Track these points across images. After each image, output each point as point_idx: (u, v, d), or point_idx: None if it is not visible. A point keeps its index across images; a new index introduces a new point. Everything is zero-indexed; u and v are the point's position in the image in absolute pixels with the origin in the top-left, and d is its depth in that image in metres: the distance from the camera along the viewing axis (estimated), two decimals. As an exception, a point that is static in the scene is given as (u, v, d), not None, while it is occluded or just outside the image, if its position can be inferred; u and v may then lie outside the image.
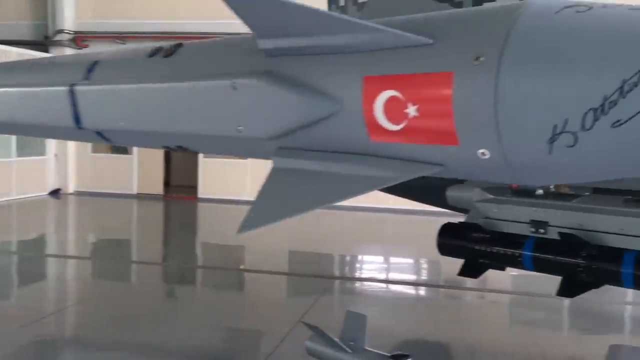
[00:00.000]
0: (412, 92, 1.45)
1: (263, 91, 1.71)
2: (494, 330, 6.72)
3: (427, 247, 11.78)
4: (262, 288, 8.29)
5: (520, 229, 2.84)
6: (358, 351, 4.31)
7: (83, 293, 7.92)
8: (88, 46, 17.51)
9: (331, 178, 1.62)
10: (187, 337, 6.08)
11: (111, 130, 2.22)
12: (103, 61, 2.27)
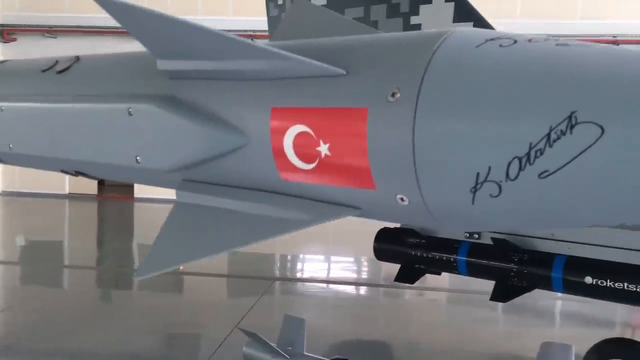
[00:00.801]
0: (323, 128, 1.32)
1: (161, 118, 1.56)
2: (433, 329, 6.82)
3: (367, 246, 11.90)
4: (201, 291, 8.13)
5: (455, 234, 2.86)
6: (296, 356, 4.27)
7: (11, 299, 7.52)
8: (16, 40, 16.71)
9: (238, 218, 1.49)
10: (122, 343, 5.88)
11: (0, 152, 2.03)
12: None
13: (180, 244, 1.57)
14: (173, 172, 1.62)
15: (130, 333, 6.20)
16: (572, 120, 1.04)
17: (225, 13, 16.23)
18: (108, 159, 1.72)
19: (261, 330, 4.51)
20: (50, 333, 6.05)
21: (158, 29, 1.48)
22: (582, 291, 2.83)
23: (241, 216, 1.50)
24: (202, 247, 1.55)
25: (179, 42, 1.49)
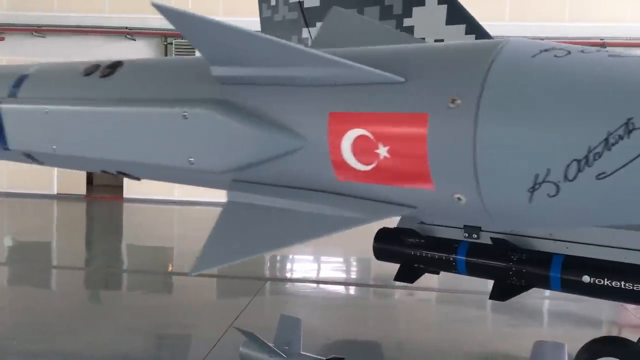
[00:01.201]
0: (382, 132, 1.37)
1: (216, 122, 1.59)
2: (424, 328, 6.87)
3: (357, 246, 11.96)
4: (192, 291, 8.11)
5: (454, 234, 2.90)
6: (293, 356, 4.29)
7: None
8: (4, 39, 16.56)
9: (293, 217, 1.52)
10: (113, 344, 5.86)
11: (42, 154, 2.03)
12: (32, 76, 2.06)
13: (234, 241, 1.59)
14: (225, 173, 1.64)
15: (121, 334, 6.18)
16: (629, 126, 1.13)
17: (216, 13, 16.20)
18: (160, 160, 1.74)
19: (255, 330, 4.53)
20: (39, 334, 6.01)
21: (215, 37, 1.51)
22: (579, 290, 2.88)
23: (295, 214, 1.52)
24: (257, 244, 1.57)
25: (236, 49, 1.51)
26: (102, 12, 16.35)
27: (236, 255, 1.57)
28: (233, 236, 1.60)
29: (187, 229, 13.19)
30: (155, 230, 12.88)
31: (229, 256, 1.59)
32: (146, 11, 16.35)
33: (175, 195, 16.36)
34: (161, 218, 14.85)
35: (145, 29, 16.17)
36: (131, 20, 16.21)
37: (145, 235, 12.18)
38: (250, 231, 1.57)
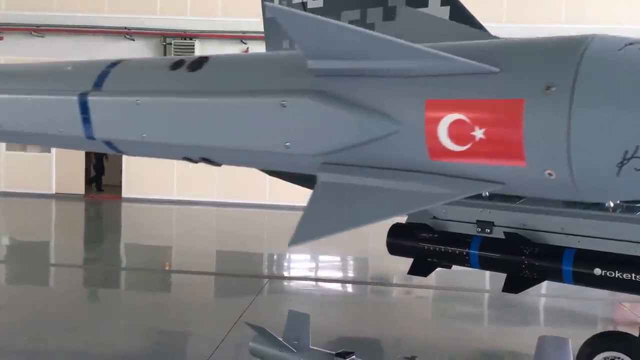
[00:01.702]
0: (479, 116, 1.55)
1: (314, 110, 1.72)
2: (425, 326, 6.96)
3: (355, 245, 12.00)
4: (194, 289, 8.17)
5: (467, 229, 2.98)
6: (303, 350, 4.36)
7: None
8: (2, 39, 16.56)
9: (384, 193, 1.65)
10: (117, 342, 5.91)
11: (126, 142, 2.14)
12: (115, 71, 2.18)
13: (327, 216, 1.70)
14: (318, 156, 1.76)
15: (125, 332, 6.23)
16: None
17: (214, 13, 16.26)
18: (255, 146, 1.87)
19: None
20: (40, 332, 6.04)
21: (316, 32, 1.65)
22: (591, 282, 2.98)
23: (387, 192, 1.64)
24: (350, 219, 1.68)
25: (335, 43, 1.63)
26: (101, 12, 16.37)
27: (330, 229, 1.68)
28: (326, 212, 1.71)
29: (186, 228, 13.26)
30: (154, 229, 12.92)
31: (323, 230, 1.70)
32: (145, 11, 16.46)
33: (174, 195, 16.42)
34: (159, 217, 14.88)
35: (145, 29, 16.21)
36: (130, 20, 16.24)
37: (143, 234, 12.22)
38: (343, 207, 1.69)
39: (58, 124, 2.24)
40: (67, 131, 2.25)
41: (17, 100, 2.40)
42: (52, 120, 2.26)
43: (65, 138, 2.29)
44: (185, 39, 16.12)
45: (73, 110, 2.13)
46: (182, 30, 16.15)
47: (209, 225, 14.03)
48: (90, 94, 2.11)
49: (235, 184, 16.28)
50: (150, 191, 16.47)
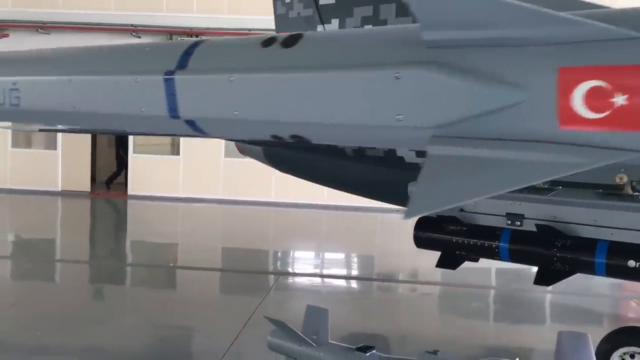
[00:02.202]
0: (621, 82, 1.52)
1: (431, 81, 1.70)
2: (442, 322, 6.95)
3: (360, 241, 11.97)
4: (204, 286, 8.18)
5: (496, 222, 2.98)
6: (322, 345, 4.36)
7: (1, 295, 7.50)
8: (8, 36, 16.55)
9: (504, 165, 1.62)
10: (130, 339, 5.92)
11: (213, 120, 2.12)
12: (200, 50, 2.18)
13: (443, 188, 1.68)
14: (431, 129, 1.74)
15: (137, 328, 6.24)
16: None
17: (220, 11, 16.25)
18: (363, 120, 1.84)
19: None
20: (51, 328, 6.06)
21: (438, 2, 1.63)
22: (625, 274, 2.98)
23: (508, 163, 1.62)
24: (469, 190, 1.66)
25: (460, 13, 1.61)
26: (107, 9, 16.36)
27: (446, 202, 1.66)
28: (441, 185, 1.69)
29: (192, 226, 13.26)
30: (160, 226, 12.93)
31: (439, 202, 1.68)
32: (151, 9, 16.45)
33: (179, 192, 16.42)
34: (165, 214, 14.89)
35: (151, 26, 16.20)
36: (136, 17, 16.23)
37: (150, 231, 12.22)
38: (459, 180, 1.67)
39: (139, 104, 2.22)
40: (149, 111, 2.23)
41: (94, 81, 2.38)
42: (133, 101, 2.24)
43: (146, 118, 2.27)
44: (191, 37, 16.11)
45: (158, 90, 2.13)
46: (188, 27, 16.14)
47: (215, 222, 14.04)
48: (177, 73, 2.10)
49: (241, 182, 16.29)
50: (156, 189, 16.47)
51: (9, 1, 16.61)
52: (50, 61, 2.71)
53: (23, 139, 17.38)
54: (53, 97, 2.49)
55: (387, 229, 13.52)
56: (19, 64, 2.82)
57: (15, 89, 2.55)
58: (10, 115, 2.75)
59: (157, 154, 17.02)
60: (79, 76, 2.43)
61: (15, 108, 2.57)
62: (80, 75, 2.43)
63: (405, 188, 4.61)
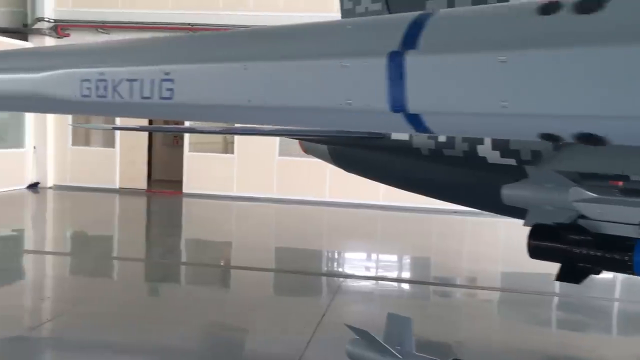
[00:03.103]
0: None
1: None
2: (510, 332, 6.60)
3: (417, 243, 11.66)
4: (266, 287, 8.03)
5: (627, 231, 2.68)
6: (408, 356, 4.11)
7: (60, 290, 7.52)
8: (69, 35, 16.90)
9: None
10: (195, 340, 5.80)
11: (455, 114, 1.73)
12: (435, 25, 1.69)
13: None
14: None
15: (203, 329, 6.12)
16: None
17: (276, 8, 16.16)
18: None
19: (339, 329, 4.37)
20: (100, 324, 6.01)
21: None
22: None
23: None
24: None
25: None
26: (165, 8, 16.51)
27: None
28: None
29: (246, 224, 13.20)
30: (213, 224, 12.92)
31: None
32: (208, 7, 16.52)
33: (233, 191, 16.43)
34: (220, 213, 14.89)
35: (206, 24, 16.25)
36: (193, 16, 16.32)
37: (204, 230, 12.20)
38: None
39: (344, 94, 1.76)
40: (359, 103, 1.77)
41: (279, 68, 1.93)
42: (335, 91, 1.77)
43: (353, 113, 1.78)
44: (247, 35, 16.10)
45: (377, 76, 1.68)
46: (243, 25, 16.09)
47: (268, 221, 13.95)
48: (408, 53, 1.80)
49: (294, 181, 16.19)
50: (210, 187, 16.54)
51: (70, 2, 16.95)
52: (216, 45, 2.25)
53: (82, 136, 17.73)
54: (219, 89, 2.06)
55: (445, 231, 13.16)
56: (172, 49, 2.39)
57: (168, 79, 2.15)
58: (159, 110, 2.30)
59: (212, 152, 17.09)
60: (258, 62, 1.98)
61: (166, 102, 2.18)
62: (260, 61, 1.98)
63: (486, 190, 4.33)
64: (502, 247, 11.70)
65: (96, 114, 3.07)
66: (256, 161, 16.36)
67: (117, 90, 2.27)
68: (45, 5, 16.62)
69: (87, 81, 2.37)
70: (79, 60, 2.53)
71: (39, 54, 3.10)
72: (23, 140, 16.64)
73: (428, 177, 5.51)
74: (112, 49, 2.58)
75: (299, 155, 16.07)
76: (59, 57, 2.68)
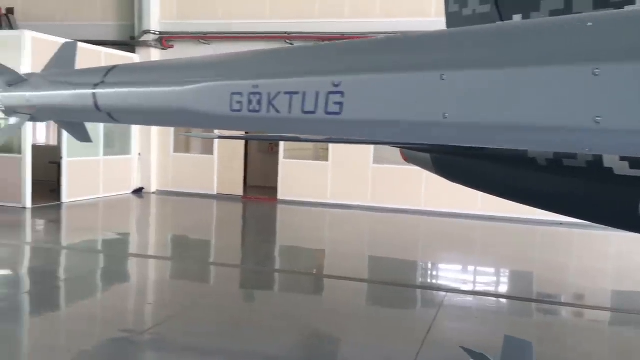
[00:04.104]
0: None
1: None
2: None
3: (520, 256, 11.04)
4: (362, 298, 7.84)
5: None
6: (528, 385, 3.78)
7: (160, 294, 7.70)
8: (173, 47, 17.59)
9: None
10: (300, 350, 5.69)
11: None
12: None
13: None
14: None
15: (301, 343, 6.01)
16: None
17: (373, 15, 16.01)
18: None
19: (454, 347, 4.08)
20: (204, 331, 6.05)
21: None
22: None
23: None
24: None
25: None
26: (262, 18, 16.81)
27: None
28: None
29: (341, 232, 13.09)
30: (307, 232, 12.90)
31: None
32: (304, 15, 16.66)
33: (327, 198, 16.40)
34: (314, 220, 14.88)
35: (303, 33, 16.39)
36: (290, 25, 16.50)
37: (298, 237, 12.19)
38: None
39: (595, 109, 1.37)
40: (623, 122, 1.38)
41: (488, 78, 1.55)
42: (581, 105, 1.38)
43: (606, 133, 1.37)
44: (342, 42, 16.07)
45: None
46: (339, 32, 16.09)
47: (362, 230, 13.76)
48: None
49: (389, 189, 15.92)
50: (304, 194, 16.61)
51: (174, 14, 17.64)
52: (403, 50, 1.91)
53: (183, 143, 18.37)
54: (406, 103, 1.74)
55: (551, 243, 12.41)
56: (341, 56, 2.09)
57: (337, 91, 1.88)
58: (322, 126, 2.00)
59: (304, 159, 17.16)
60: (460, 71, 1.64)
61: (333, 117, 1.91)
62: (463, 70, 1.65)
63: (613, 204, 3.90)
64: (613, 263, 10.85)
65: (247, 130, 2.89)
66: (350, 168, 16.25)
67: (272, 104, 2.08)
68: (152, 18, 17.40)
69: (238, 94, 2.22)
70: (229, 72, 2.40)
71: (184, 66, 3.02)
72: (129, 148, 17.47)
73: (544, 189, 5.15)
74: (267, 58, 2.41)
75: (394, 163, 15.84)
76: (207, 68, 2.57)
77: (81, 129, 4.48)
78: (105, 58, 15.73)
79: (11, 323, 6.27)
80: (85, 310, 6.92)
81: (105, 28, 18.08)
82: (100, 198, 15.98)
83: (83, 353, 5.43)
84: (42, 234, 12.32)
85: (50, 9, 18.71)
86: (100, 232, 12.31)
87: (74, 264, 9.46)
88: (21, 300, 7.25)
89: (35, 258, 9.72)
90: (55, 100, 3.77)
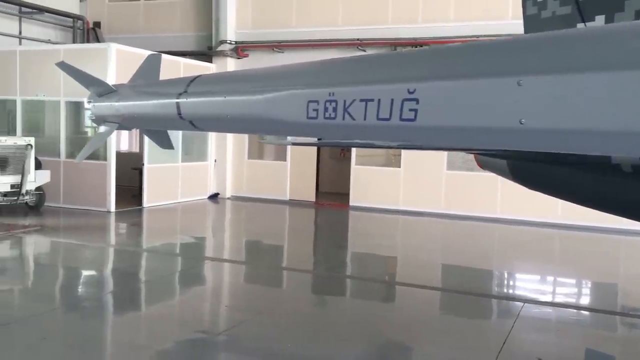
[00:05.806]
0: None
1: None
2: None
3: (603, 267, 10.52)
4: (434, 306, 7.71)
5: None
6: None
7: (234, 298, 7.83)
8: (248, 56, 18.01)
9: None
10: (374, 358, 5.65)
11: None
12: None
13: None
14: None
15: (375, 351, 5.98)
16: None
17: (446, 19, 15.79)
18: None
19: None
20: (277, 336, 6.11)
21: None
22: None
23: None
24: None
25: None
26: (335, 25, 16.93)
27: None
28: None
29: (411, 240, 12.93)
30: (379, 239, 12.82)
31: None
32: (376, 22, 16.65)
33: (399, 205, 16.26)
34: (385, 227, 14.78)
35: (375, 39, 16.38)
36: (362, 31, 16.54)
37: (369, 244, 12.13)
38: None
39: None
40: None
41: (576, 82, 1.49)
42: None
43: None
44: (415, 47, 15.92)
45: None
46: (412, 38, 15.97)
47: (435, 237, 13.55)
48: None
49: (463, 196, 15.61)
50: (376, 200, 16.54)
51: (249, 24, 18.07)
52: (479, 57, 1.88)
53: (257, 149, 18.75)
54: (480, 108, 1.71)
55: (636, 254, 11.77)
56: (415, 61, 2.11)
57: (412, 98, 1.87)
58: (396, 133, 2.03)
59: (376, 165, 17.09)
60: (536, 76, 1.59)
61: (408, 124, 1.91)
62: (542, 75, 1.58)
63: None
64: None
65: (322, 137, 2.95)
66: (423, 175, 16.05)
67: (348, 111, 2.11)
68: (228, 28, 17.89)
69: (314, 102, 2.27)
70: (305, 81, 2.46)
71: (262, 75, 3.11)
72: (206, 154, 18.01)
73: (629, 196, 4.91)
74: (342, 67, 2.46)
75: (468, 169, 15.51)
76: (284, 78, 2.64)
77: (164, 136, 4.69)
78: (184, 68, 16.31)
79: (96, 321, 6.60)
80: (163, 310, 7.19)
81: (183, 39, 18.76)
82: (179, 203, 16.55)
83: (160, 353, 5.64)
84: (125, 237, 12.90)
85: (132, 22, 19.62)
86: (178, 236, 12.75)
87: (154, 266, 9.85)
88: (106, 299, 7.62)
89: (119, 260, 10.19)
90: (142, 110, 3.97)
